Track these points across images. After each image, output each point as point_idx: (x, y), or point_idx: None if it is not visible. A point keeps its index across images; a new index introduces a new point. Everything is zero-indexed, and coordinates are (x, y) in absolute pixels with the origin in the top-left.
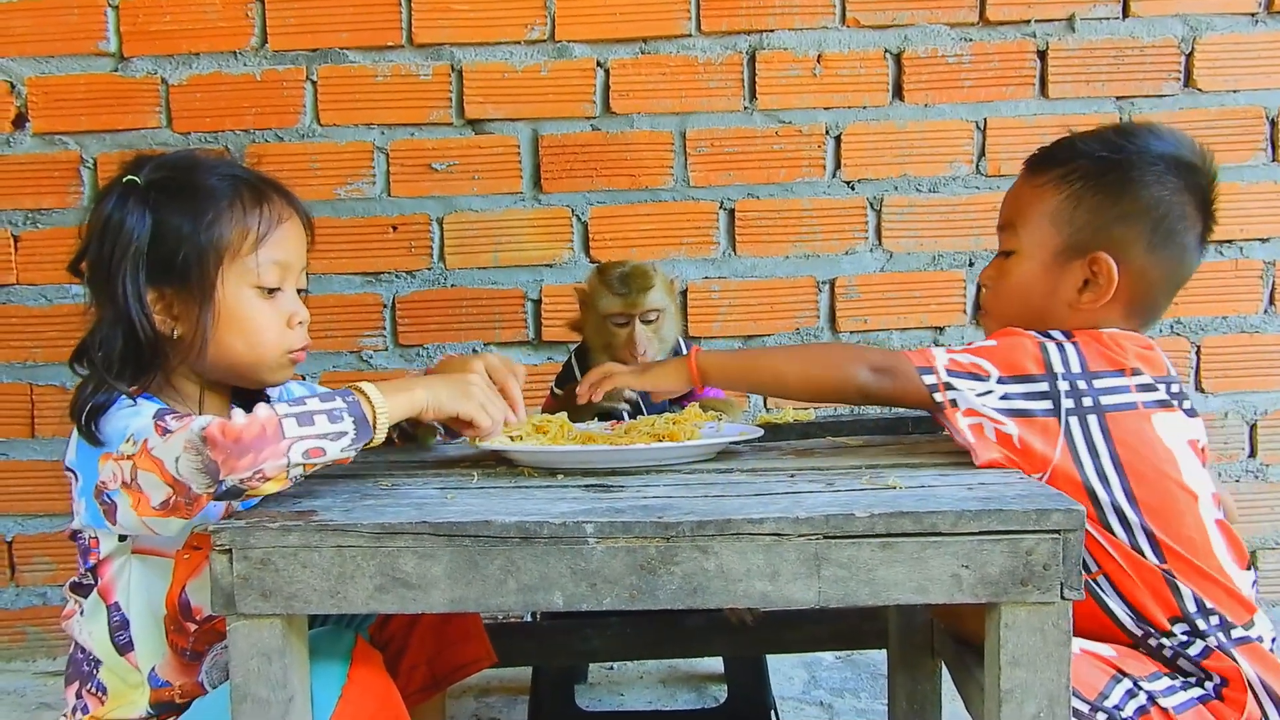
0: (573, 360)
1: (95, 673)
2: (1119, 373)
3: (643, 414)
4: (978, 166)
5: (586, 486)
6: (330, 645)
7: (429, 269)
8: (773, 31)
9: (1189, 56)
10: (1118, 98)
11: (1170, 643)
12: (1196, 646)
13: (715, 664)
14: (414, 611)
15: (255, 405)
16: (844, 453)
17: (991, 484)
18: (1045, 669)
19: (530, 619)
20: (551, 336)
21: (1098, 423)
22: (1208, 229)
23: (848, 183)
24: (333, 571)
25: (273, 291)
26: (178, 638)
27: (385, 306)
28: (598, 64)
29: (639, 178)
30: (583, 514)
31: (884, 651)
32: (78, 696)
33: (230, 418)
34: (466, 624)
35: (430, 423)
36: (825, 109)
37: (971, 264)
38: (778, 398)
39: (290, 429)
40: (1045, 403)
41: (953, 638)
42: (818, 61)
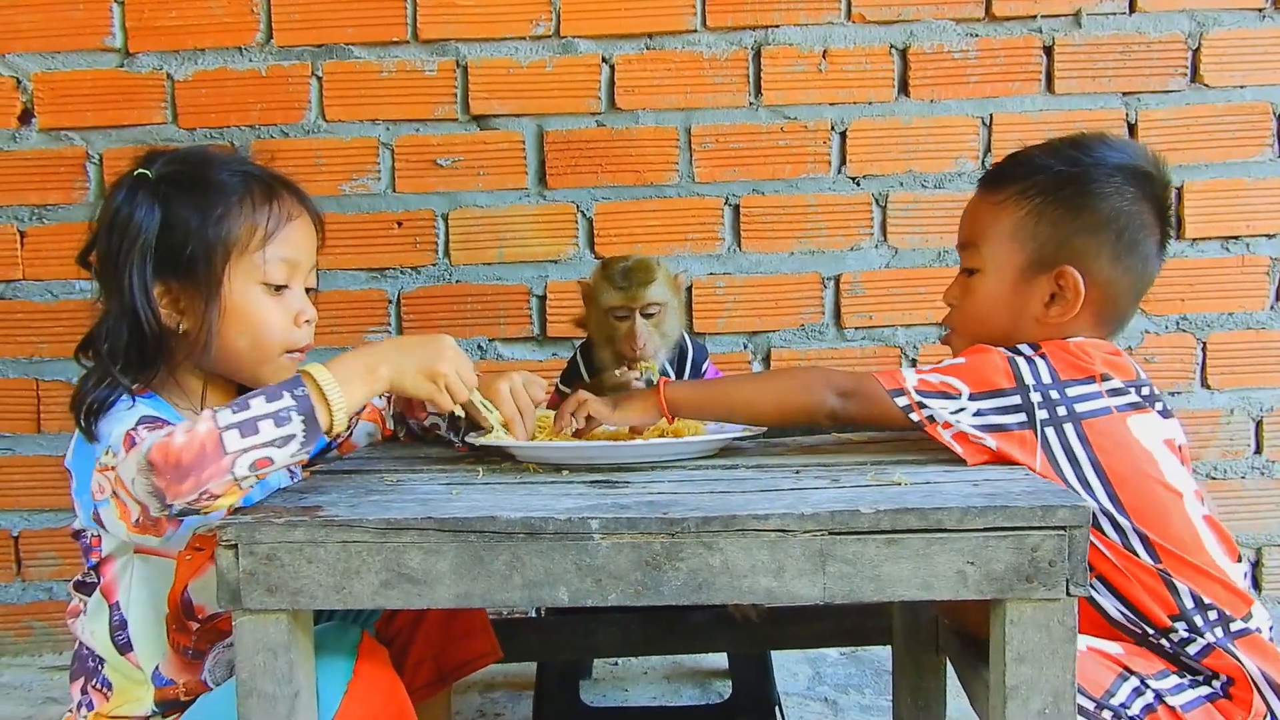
0: (578, 357)
1: (100, 669)
2: (1089, 380)
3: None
4: (983, 162)
5: (592, 483)
6: (336, 640)
7: (434, 265)
8: (778, 27)
9: (1196, 52)
10: (1124, 93)
11: (1170, 641)
12: (1196, 644)
13: (720, 660)
14: (419, 607)
15: (201, 415)
16: (849, 449)
17: (997, 480)
18: (1050, 665)
19: (535, 614)
20: (556, 333)
21: (1074, 430)
22: (1165, 235)
23: (853, 179)
24: (338, 567)
25: (280, 289)
26: (180, 637)
27: (390, 302)
28: (603, 60)
29: (644, 174)
30: (588, 510)
31: (888, 648)
32: (83, 692)
33: (173, 434)
34: (472, 619)
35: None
36: (830, 105)
37: None
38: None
39: (232, 442)
40: (1019, 415)
41: (958, 634)
42: (823, 57)
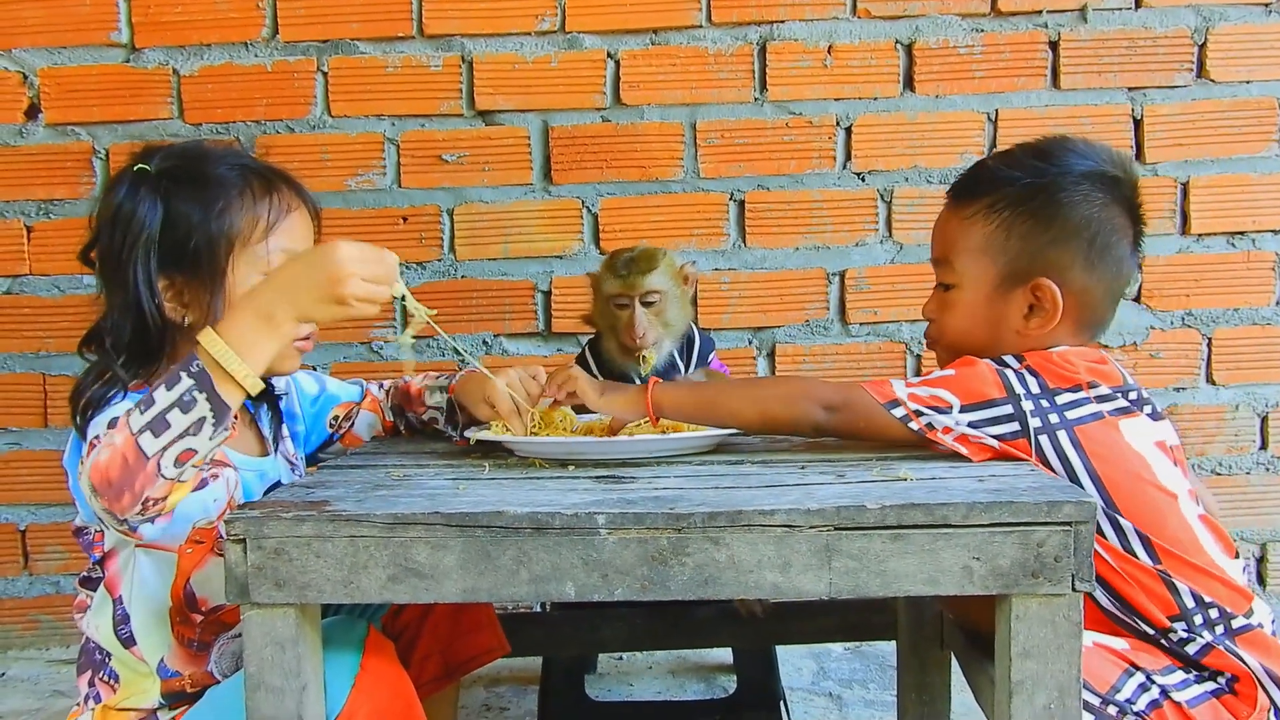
0: (586, 352)
1: (107, 662)
2: (1076, 388)
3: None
4: None
5: (598, 478)
6: (343, 635)
7: (439, 260)
8: (783, 22)
9: (1202, 47)
10: (1129, 89)
11: (1169, 640)
12: (1195, 644)
13: (724, 655)
14: (426, 601)
15: (113, 422)
16: (854, 445)
17: (1002, 476)
18: (1056, 661)
19: (540, 609)
20: (561, 328)
21: (1068, 437)
22: (1139, 234)
23: (858, 174)
24: (346, 561)
25: None
26: (184, 629)
27: (395, 297)
28: (608, 55)
29: (649, 169)
30: (594, 505)
31: (893, 643)
32: (90, 685)
33: (100, 450)
34: (479, 614)
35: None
36: (836, 100)
37: None
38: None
39: (149, 445)
40: (1012, 425)
41: (963, 629)
42: (828, 52)
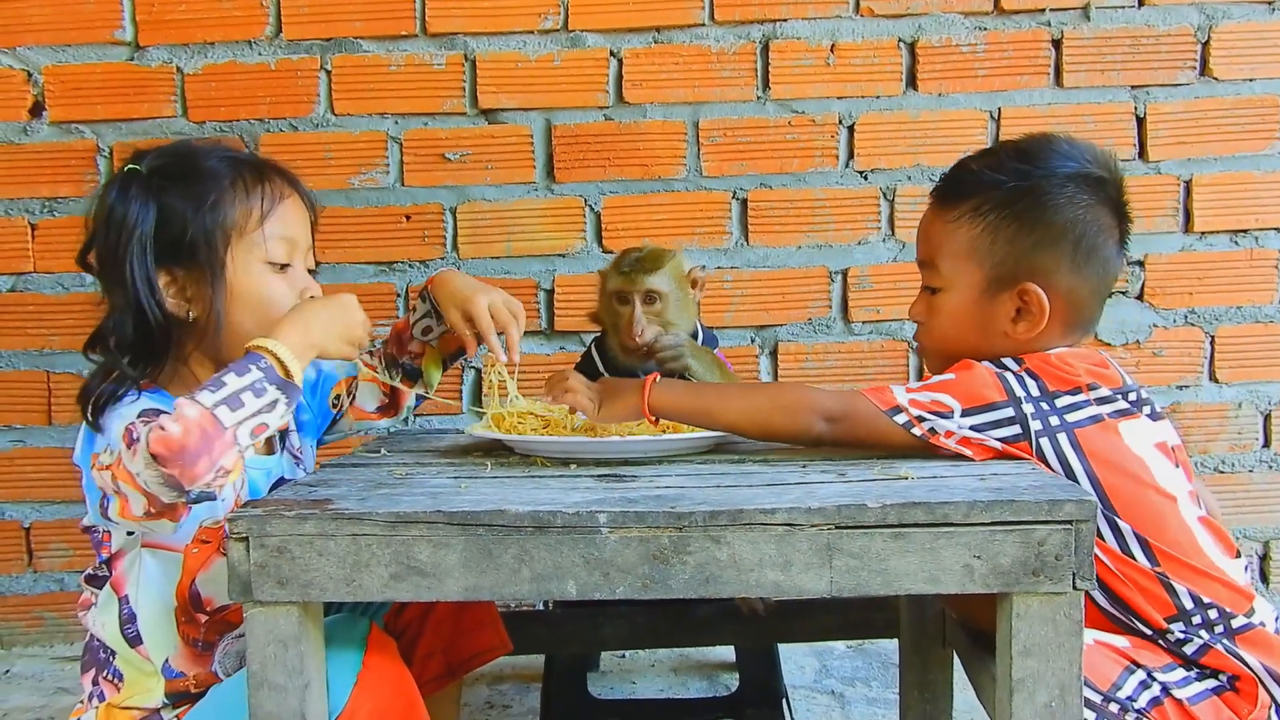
0: (592, 350)
1: (111, 661)
2: (1076, 390)
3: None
4: None
5: (599, 476)
6: (346, 633)
7: (442, 258)
8: (786, 21)
9: (1205, 45)
10: (1132, 87)
11: (1166, 641)
12: (1193, 644)
13: (727, 653)
14: (429, 600)
15: (178, 403)
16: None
17: (1003, 475)
18: (1057, 659)
19: (543, 607)
20: (564, 326)
21: (1068, 440)
22: (1126, 232)
23: (861, 173)
24: (348, 559)
25: (284, 268)
26: (189, 629)
27: (399, 296)
28: (611, 53)
29: (652, 168)
30: (596, 504)
31: (895, 641)
32: (94, 683)
33: (164, 425)
34: (481, 612)
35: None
36: (838, 99)
37: None
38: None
39: (225, 417)
40: (1014, 428)
41: (964, 627)
42: (831, 51)
